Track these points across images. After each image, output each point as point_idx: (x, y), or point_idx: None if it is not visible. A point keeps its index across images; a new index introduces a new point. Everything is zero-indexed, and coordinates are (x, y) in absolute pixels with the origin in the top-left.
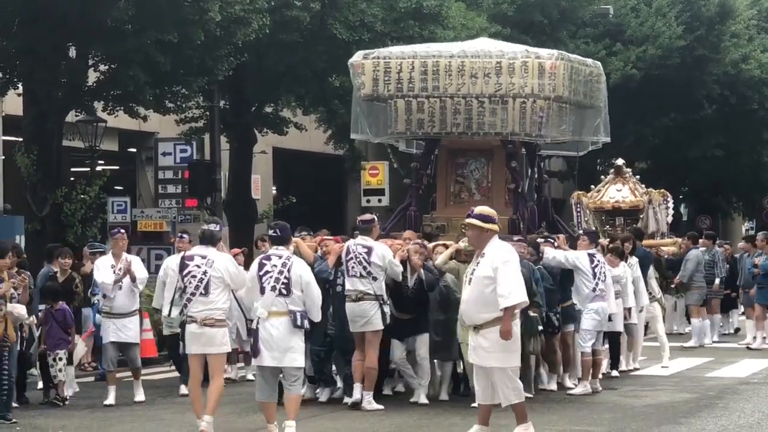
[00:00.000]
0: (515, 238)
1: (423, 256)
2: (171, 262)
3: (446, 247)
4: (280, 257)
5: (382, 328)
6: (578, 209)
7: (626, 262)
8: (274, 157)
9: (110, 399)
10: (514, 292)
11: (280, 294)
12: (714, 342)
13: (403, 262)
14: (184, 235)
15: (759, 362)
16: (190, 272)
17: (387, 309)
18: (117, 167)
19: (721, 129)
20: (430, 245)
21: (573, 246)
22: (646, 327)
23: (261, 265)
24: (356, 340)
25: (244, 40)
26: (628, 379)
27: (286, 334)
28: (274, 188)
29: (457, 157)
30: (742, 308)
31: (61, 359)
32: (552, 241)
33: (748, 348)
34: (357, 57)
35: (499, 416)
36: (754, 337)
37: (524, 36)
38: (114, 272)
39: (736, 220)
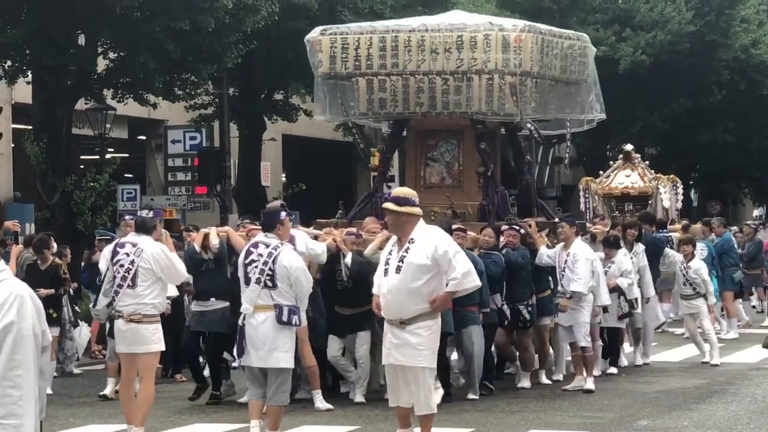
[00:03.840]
0: (454, 226)
1: (355, 245)
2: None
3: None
4: (268, 246)
5: None
6: (586, 195)
7: (631, 250)
8: (283, 144)
9: (108, 389)
10: (469, 273)
11: (266, 286)
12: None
13: (337, 254)
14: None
15: None
16: (119, 261)
17: None
18: (127, 155)
19: (731, 114)
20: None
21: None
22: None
23: (247, 254)
24: None
25: (253, 27)
26: (639, 366)
27: (272, 330)
28: (284, 175)
29: (427, 139)
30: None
31: None
32: (517, 228)
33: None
34: (314, 33)
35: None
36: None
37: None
38: None
39: (746, 206)
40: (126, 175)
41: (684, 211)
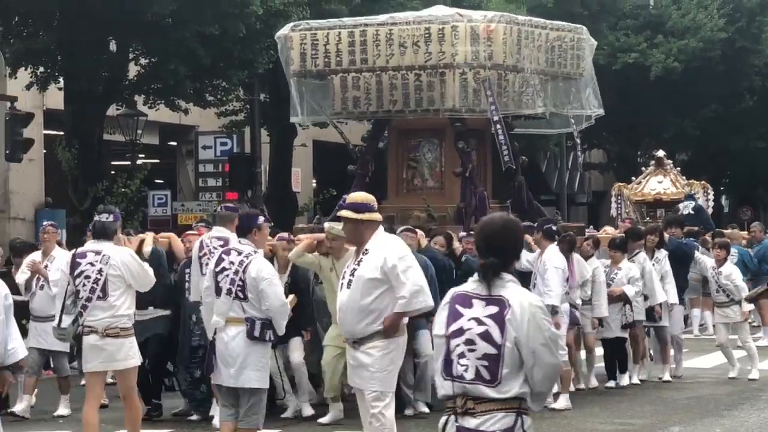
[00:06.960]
0: (401, 228)
1: (286, 250)
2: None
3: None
4: (240, 253)
5: None
6: (619, 201)
7: (652, 257)
8: (314, 150)
9: (19, 407)
10: (419, 292)
11: (237, 297)
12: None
13: (271, 259)
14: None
15: None
16: (82, 272)
17: None
18: (157, 161)
19: (763, 120)
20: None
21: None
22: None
23: (219, 261)
24: None
25: None
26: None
27: (243, 347)
28: (314, 181)
29: (409, 139)
30: None
31: None
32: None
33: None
34: (285, 30)
35: None
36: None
37: None
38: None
39: None
40: (157, 180)
41: (715, 217)
